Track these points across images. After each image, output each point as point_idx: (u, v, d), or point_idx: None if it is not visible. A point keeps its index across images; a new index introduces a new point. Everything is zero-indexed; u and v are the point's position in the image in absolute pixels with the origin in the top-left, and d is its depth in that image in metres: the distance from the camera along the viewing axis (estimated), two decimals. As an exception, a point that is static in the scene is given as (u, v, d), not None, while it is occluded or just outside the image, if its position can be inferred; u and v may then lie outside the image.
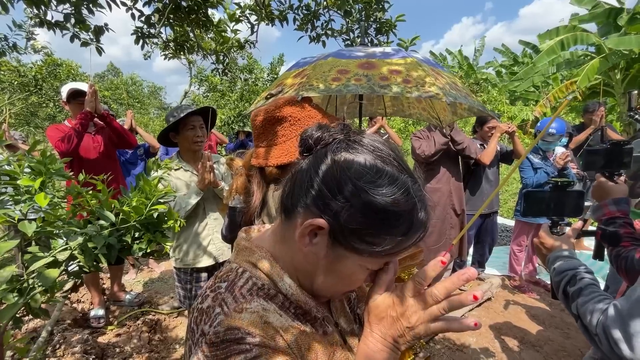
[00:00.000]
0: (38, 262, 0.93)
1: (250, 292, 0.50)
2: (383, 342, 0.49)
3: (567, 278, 0.93)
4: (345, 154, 0.46)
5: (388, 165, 0.46)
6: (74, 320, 2.55)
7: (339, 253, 0.47)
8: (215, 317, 0.46)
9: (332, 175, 0.45)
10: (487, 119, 3.26)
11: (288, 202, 0.50)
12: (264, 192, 1.09)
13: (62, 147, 2.13)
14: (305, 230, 0.46)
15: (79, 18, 1.74)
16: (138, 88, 18.22)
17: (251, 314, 0.46)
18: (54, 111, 9.82)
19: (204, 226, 2.02)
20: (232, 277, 0.52)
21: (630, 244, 1.20)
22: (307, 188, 0.47)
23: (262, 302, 0.49)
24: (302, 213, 0.48)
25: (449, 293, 0.46)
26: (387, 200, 0.44)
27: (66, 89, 2.33)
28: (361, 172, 0.44)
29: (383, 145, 0.48)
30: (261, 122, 1.04)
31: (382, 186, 0.44)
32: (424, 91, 1.06)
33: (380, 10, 2.16)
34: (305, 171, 0.48)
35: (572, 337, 2.68)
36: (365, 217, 0.44)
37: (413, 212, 0.46)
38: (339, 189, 0.44)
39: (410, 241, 0.47)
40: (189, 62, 6.09)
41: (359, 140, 0.47)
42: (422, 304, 0.47)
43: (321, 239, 0.47)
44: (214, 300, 0.49)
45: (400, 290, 0.50)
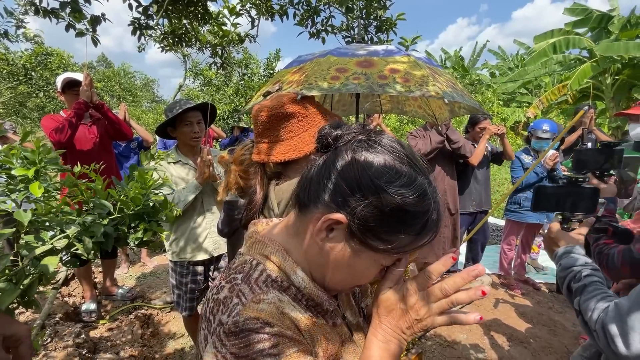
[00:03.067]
0: (37, 250, 0.93)
1: (266, 283, 0.51)
2: (392, 333, 0.52)
3: (573, 274, 0.94)
4: (366, 153, 0.47)
5: (406, 166, 0.47)
6: (65, 314, 2.52)
7: (355, 248, 0.49)
8: (233, 307, 0.47)
9: (352, 173, 0.46)
10: (479, 120, 3.30)
11: (304, 197, 0.52)
12: (266, 188, 1.10)
13: (56, 137, 2.09)
14: (323, 224, 0.48)
15: (75, 7, 1.70)
16: (130, 80, 17.91)
17: (268, 305, 0.47)
18: (44, 101, 9.58)
19: (201, 220, 2.02)
20: (247, 269, 0.53)
21: (613, 241, 1.24)
22: (325, 184, 0.48)
23: (277, 294, 0.50)
24: (319, 208, 0.49)
25: (458, 288, 0.49)
26: (404, 200, 0.45)
27: (61, 78, 2.28)
28: (381, 171, 0.46)
29: (401, 146, 0.49)
30: (267, 118, 1.04)
31: (401, 186, 0.45)
32: (425, 90, 1.07)
33: (381, 8, 2.16)
34: (323, 167, 0.50)
35: (559, 334, 2.76)
36: (383, 215, 0.46)
37: (428, 213, 0.48)
38: (359, 186, 0.46)
39: (424, 240, 0.50)
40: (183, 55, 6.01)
41: (379, 140, 0.49)
42: (431, 297, 0.50)
43: (337, 234, 0.49)
44: (230, 291, 0.50)
45: (410, 284, 0.52)
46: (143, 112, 14.67)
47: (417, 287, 0.51)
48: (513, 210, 3.42)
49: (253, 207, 1.08)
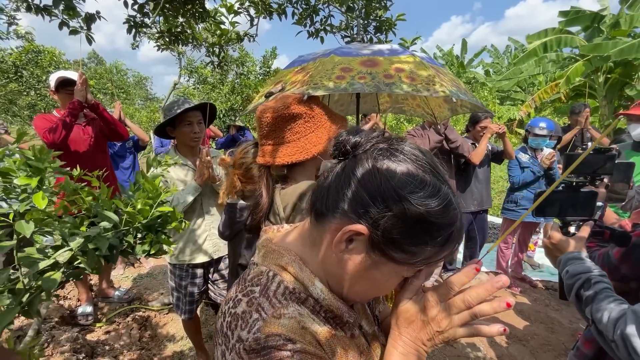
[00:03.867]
0: (37, 265, 0.89)
1: (285, 296, 0.50)
2: (412, 344, 0.51)
3: (581, 281, 0.92)
4: (388, 161, 0.46)
5: (429, 175, 0.46)
6: (61, 317, 2.47)
7: (376, 260, 0.47)
8: (253, 323, 0.45)
9: (374, 182, 0.45)
10: (480, 118, 3.31)
11: (321, 206, 0.50)
12: (272, 191, 1.08)
13: (50, 138, 2.04)
14: (343, 235, 0.46)
15: (69, 4, 1.66)
16: (123, 77, 17.65)
17: (289, 320, 0.46)
18: (35, 99, 9.39)
19: (201, 222, 1.99)
20: (264, 281, 0.52)
21: (595, 244, 1.24)
22: (344, 193, 0.47)
23: (297, 307, 0.49)
24: (338, 218, 0.47)
25: (481, 300, 0.48)
26: (429, 211, 0.44)
27: (54, 77, 2.22)
28: (405, 181, 0.44)
29: (423, 153, 0.48)
30: (272, 120, 1.02)
31: (426, 196, 0.44)
32: (433, 90, 1.06)
33: (381, 9, 2.14)
34: (342, 176, 0.48)
35: (556, 332, 2.79)
36: (407, 227, 0.44)
37: (452, 224, 0.46)
38: (382, 197, 0.44)
39: (446, 252, 0.48)
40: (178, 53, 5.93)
41: (401, 148, 0.47)
42: (453, 308, 0.49)
43: (357, 245, 0.47)
44: (249, 305, 0.48)
45: (431, 295, 0.51)
46: (136, 110, 14.48)
47: (438, 298, 0.50)
48: (510, 209, 3.45)
49: (259, 212, 1.06)
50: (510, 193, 3.46)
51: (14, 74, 7.96)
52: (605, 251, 1.19)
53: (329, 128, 1.07)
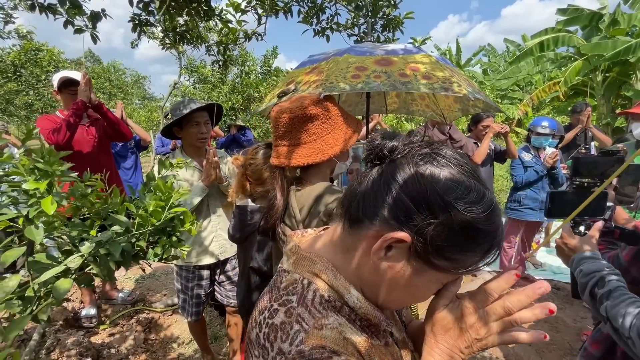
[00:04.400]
0: (48, 272, 0.87)
1: (322, 305, 0.48)
2: (449, 353, 0.49)
3: (595, 280, 0.93)
4: (431, 166, 0.44)
5: (473, 180, 0.45)
6: (65, 320, 2.45)
7: (416, 267, 0.46)
8: (295, 334, 0.44)
9: (417, 188, 0.43)
10: (482, 118, 3.30)
11: (357, 212, 0.48)
12: (286, 193, 1.06)
13: (54, 139, 2.01)
14: (384, 243, 0.45)
15: (74, 2, 1.63)
16: (120, 77, 17.53)
17: (331, 330, 0.44)
18: (32, 99, 9.29)
19: (207, 224, 1.97)
20: (299, 289, 0.50)
21: (605, 247, 1.25)
22: (384, 199, 0.45)
23: (336, 317, 0.47)
24: (376, 225, 0.46)
25: (522, 306, 0.47)
26: (475, 218, 0.43)
27: (57, 77, 2.19)
28: (450, 187, 0.43)
29: (463, 158, 0.47)
30: (288, 120, 1.00)
31: (471, 203, 0.43)
32: (452, 90, 1.05)
33: (390, 7, 2.12)
34: (380, 181, 0.46)
35: (561, 331, 2.79)
36: (452, 234, 0.43)
37: (496, 230, 0.45)
38: (427, 203, 0.43)
39: (488, 258, 0.47)
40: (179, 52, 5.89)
41: (443, 152, 0.46)
42: (492, 315, 0.48)
43: (397, 253, 0.46)
44: (287, 316, 0.46)
45: (469, 301, 0.50)
46: (134, 109, 14.39)
47: (477, 305, 0.49)
48: (513, 208, 3.44)
49: (274, 214, 1.05)
50: (513, 192, 3.46)
51: (12, 73, 7.87)
52: (615, 253, 1.19)
53: (345, 130, 1.06)
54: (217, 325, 2.75)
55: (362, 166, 3.24)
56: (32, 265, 0.96)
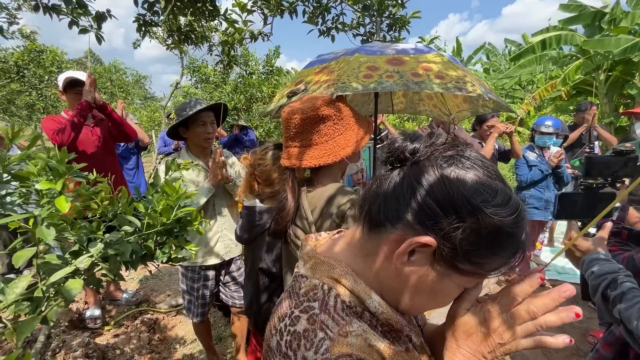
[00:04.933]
0: (59, 273, 0.86)
1: (345, 312, 0.47)
2: (472, 358, 0.49)
3: (607, 282, 0.92)
4: (456, 169, 0.43)
5: (499, 182, 0.44)
6: (70, 321, 2.44)
7: (440, 272, 0.45)
8: (320, 342, 0.43)
9: (444, 192, 0.42)
10: (487, 118, 3.29)
11: (378, 216, 0.47)
12: (297, 195, 1.05)
13: (58, 139, 2.00)
14: (408, 247, 0.44)
15: (80, 2, 1.62)
16: (121, 76, 17.54)
17: (356, 338, 0.43)
18: (34, 99, 9.29)
19: (213, 224, 1.96)
20: (320, 295, 0.49)
21: (618, 248, 1.23)
22: (407, 203, 0.44)
23: (359, 323, 0.46)
24: (399, 229, 0.45)
25: (547, 310, 0.46)
26: (503, 221, 0.42)
27: (62, 77, 2.18)
28: (477, 189, 0.42)
29: (487, 159, 0.46)
30: (300, 121, 0.99)
31: (498, 205, 0.42)
32: (466, 90, 1.04)
33: (397, 6, 2.11)
34: (403, 184, 0.45)
35: (567, 331, 2.73)
36: (479, 238, 0.42)
37: (522, 233, 0.44)
38: (454, 207, 0.41)
39: (513, 262, 0.46)
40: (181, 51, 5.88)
41: (467, 154, 0.45)
42: (516, 319, 0.47)
43: (420, 257, 0.45)
44: (311, 323, 0.45)
45: (492, 305, 0.49)
46: (136, 109, 14.39)
47: (500, 309, 0.48)
48: (517, 208, 3.44)
49: (285, 216, 1.04)
50: (517, 192, 3.45)
51: (15, 73, 7.88)
52: (630, 255, 1.18)
53: (357, 131, 1.05)
54: (222, 325, 2.75)
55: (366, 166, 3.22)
56: (41, 266, 0.95)
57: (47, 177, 0.92)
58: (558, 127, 3.27)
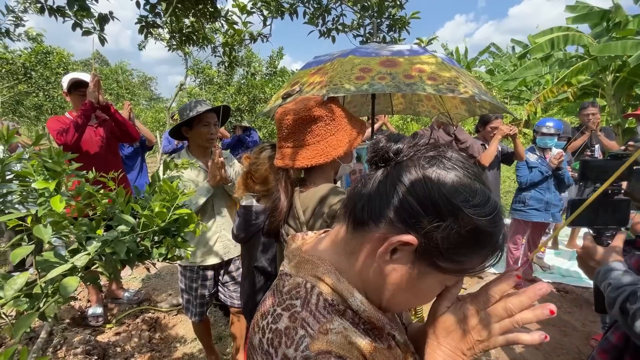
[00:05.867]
0: (56, 270, 0.88)
1: (326, 309, 0.48)
2: (452, 355, 0.50)
3: (626, 294, 0.87)
4: (437, 169, 0.44)
5: (478, 183, 0.45)
6: (72, 319, 2.48)
7: (422, 270, 0.46)
8: (300, 340, 0.43)
9: (424, 191, 0.43)
10: (490, 119, 3.27)
11: (362, 215, 0.48)
12: (290, 195, 1.06)
13: (62, 139, 2.04)
14: (390, 246, 0.45)
15: (83, 5, 1.65)
16: (127, 78, 17.75)
17: (337, 335, 0.44)
18: (42, 100, 9.46)
19: (212, 224, 1.98)
20: (303, 293, 0.49)
21: None
22: (390, 202, 0.45)
23: (341, 321, 0.47)
24: (381, 227, 0.46)
25: (523, 307, 0.47)
26: (481, 221, 0.43)
27: (67, 79, 2.22)
28: (457, 189, 0.43)
29: (468, 161, 0.47)
30: (292, 122, 1.00)
31: (477, 205, 0.43)
32: (458, 92, 1.04)
33: (396, 7, 2.12)
34: (387, 184, 0.46)
35: (569, 334, 2.75)
36: (458, 237, 0.43)
37: (500, 232, 0.46)
38: (434, 206, 0.43)
39: (491, 260, 0.47)
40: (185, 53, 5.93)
41: (448, 155, 0.46)
42: (493, 317, 0.48)
43: (402, 256, 0.46)
44: (292, 321, 0.46)
45: (471, 303, 0.50)
46: (142, 110, 14.54)
47: (478, 307, 0.49)
48: (518, 209, 3.41)
49: (278, 215, 1.05)
50: (518, 193, 3.43)
51: (23, 75, 8.04)
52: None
53: (349, 131, 1.05)
54: (222, 325, 2.76)
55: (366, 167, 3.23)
56: (40, 263, 0.97)
57: (44, 176, 0.94)
58: (559, 129, 3.24)
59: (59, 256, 0.99)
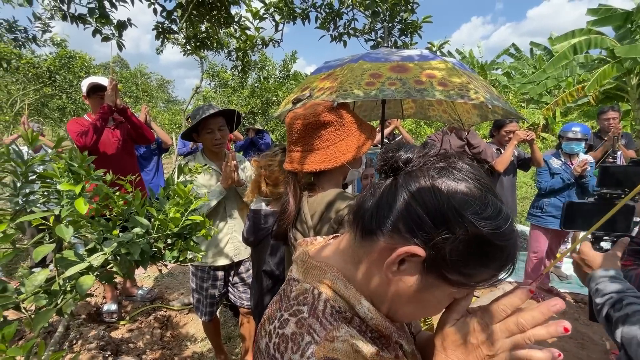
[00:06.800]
0: (73, 268, 0.92)
1: (334, 317, 0.48)
2: None
3: (612, 301, 0.85)
4: (447, 180, 0.44)
5: (490, 194, 0.44)
6: (88, 314, 2.56)
7: (429, 282, 0.46)
8: (306, 346, 0.44)
9: (434, 202, 0.43)
10: (505, 122, 3.20)
11: (369, 223, 0.48)
12: (299, 199, 1.07)
13: (82, 141, 2.12)
14: (397, 257, 0.44)
15: (103, 12, 1.72)
16: (146, 81, 18.26)
17: (343, 343, 0.44)
18: (65, 102, 9.87)
19: (223, 225, 2.01)
20: (310, 299, 0.50)
21: (632, 262, 1.14)
22: (398, 212, 0.45)
23: (347, 329, 0.47)
24: (388, 237, 0.46)
25: (536, 323, 0.46)
26: (492, 233, 0.42)
27: (86, 83, 2.31)
28: (467, 201, 0.42)
29: (480, 172, 0.46)
30: (302, 127, 1.01)
31: (488, 218, 0.42)
32: (468, 97, 1.03)
33: (407, 11, 2.11)
34: (395, 193, 0.46)
35: (587, 348, 2.65)
36: (468, 249, 0.42)
37: (512, 245, 0.44)
38: (443, 217, 0.42)
39: (502, 274, 0.46)
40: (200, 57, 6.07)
41: (459, 165, 0.45)
42: (505, 331, 0.47)
43: (410, 267, 0.45)
44: (298, 326, 0.46)
45: (481, 317, 0.49)
46: (159, 112, 14.92)
47: (489, 321, 0.48)
48: (535, 215, 3.30)
49: (286, 219, 1.06)
50: (537, 199, 3.32)
51: (48, 78, 8.44)
52: None
53: (358, 137, 1.06)
54: (231, 325, 2.80)
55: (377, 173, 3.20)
56: (59, 261, 1.01)
57: (68, 179, 0.98)
58: (586, 134, 3.12)
59: (78, 255, 1.03)
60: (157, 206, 1.06)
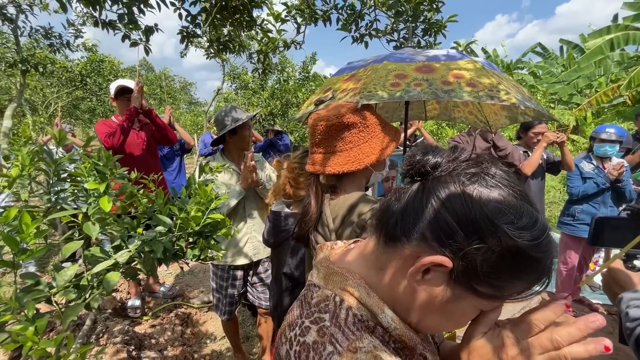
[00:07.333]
0: (100, 265, 0.94)
1: (356, 326, 0.46)
2: None
3: None
4: (479, 186, 0.41)
5: (525, 202, 0.41)
6: (113, 309, 2.65)
7: (456, 293, 0.43)
8: (328, 356, 0.42)
9: (464, 210, 0.40)
10: (533, 124, 3.05)
11: (394, 230, 0.46)
12: (321, 201, 1.05)
13: (109, 142, 2.20)
14: (422, 266, 0.42)
15: (132, 19, 1.78)
16: (170, 83, 18.87)
17: (366, 355, 0.42)
18: (95, 104, 10.38)
19: (242, 226, 2.03)
20: (331, 307, 0.48)
21: None
22: (425, 219, 0.42)
23: (370, 339, 0.45)
24: (414, 245, 0.43)
25: (573, 341, 0.42)
26: (527, 244, 0.39)
27: (114, 85, 2.40)
28: (500, 210, 0.39)
29: (513, 177, 0.43)
30: (325, 128, 1.00)
31: (523, 228, 0.39)
32: (499, 99, 0.98)
33: (432, 10, 2.06)
34: (422, 199, 0.44)
35: (622, 364, 2.48)
36: (499, 261, 0.39)
37: (548, 257, 0.41)
38: (475, 227, 0.39)
39: (536, 287, 0.43)
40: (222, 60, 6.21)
41: (492, 171, 0.42)
42: (538, 348, 0.43)
43: (436, 276, 0.43)
44: (320, 335, 0.45)
45: (511, 331, 0.45)
46: (181, 114, 15.38)
47: (520, 336, 0.45)
48: (566, 223, 3.13)
49: (308, 221, 1.05)
50: (568, 205, 3.14)
51: (79, 81, 8.92)
52: None
53: (382, 138, 1.03)
54: (250, 325, 2.82)
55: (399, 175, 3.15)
56: (87, 257, 1.05)
57: (94, 177, 1.02)
58: (622, 135, 2.92)
59: (104, 252, 1.07)
60: (179, 205, 1.08)
